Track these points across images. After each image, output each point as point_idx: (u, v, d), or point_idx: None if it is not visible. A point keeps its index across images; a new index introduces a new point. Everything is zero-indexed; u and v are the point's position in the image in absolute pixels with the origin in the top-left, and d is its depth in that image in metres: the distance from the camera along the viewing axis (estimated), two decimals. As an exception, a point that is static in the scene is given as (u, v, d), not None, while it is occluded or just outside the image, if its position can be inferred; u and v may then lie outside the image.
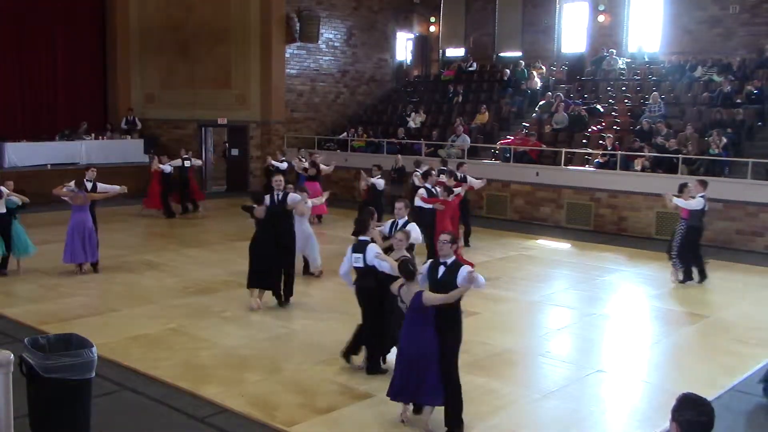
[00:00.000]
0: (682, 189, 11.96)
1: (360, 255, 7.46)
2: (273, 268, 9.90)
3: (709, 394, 6.92)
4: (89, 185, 12.10)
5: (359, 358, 7.81)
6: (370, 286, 7.44)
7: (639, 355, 8.87)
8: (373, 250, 7.41)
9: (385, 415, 6.73)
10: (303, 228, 11.21)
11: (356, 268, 7.57)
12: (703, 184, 12.03)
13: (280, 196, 10.18)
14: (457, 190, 12.83)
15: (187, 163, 18.02)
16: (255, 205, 9.85)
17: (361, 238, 7.61)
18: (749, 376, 7.74)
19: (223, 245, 14.65)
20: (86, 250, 11.62)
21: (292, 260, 10.29)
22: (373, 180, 14.83)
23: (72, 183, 11.88)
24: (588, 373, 8.03)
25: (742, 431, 6.86)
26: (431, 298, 6.10)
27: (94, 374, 5.94)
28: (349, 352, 7.80)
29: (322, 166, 17.57)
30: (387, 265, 7.15)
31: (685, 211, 11.89)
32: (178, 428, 6.46)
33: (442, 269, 6.31)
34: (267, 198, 10.05)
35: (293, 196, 10.34)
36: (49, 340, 6.12)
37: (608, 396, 7.59)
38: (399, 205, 8.73)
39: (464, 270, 6.15)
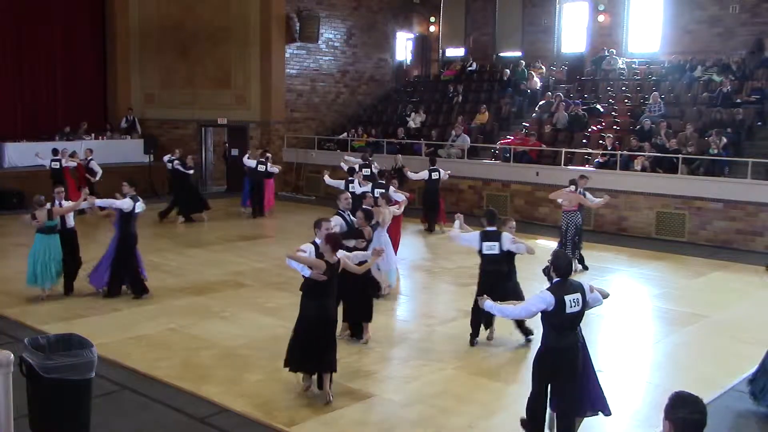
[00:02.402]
0: (576, 182, 12.77)
1: (495, 243, 8.37)
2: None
3: (709, 394, 6.94)
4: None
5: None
6: (503, 270, 8.42)
7: (639, 355, 8.87)
8: (509, 236, 8.40)
9: (385, 415, 6.73)
10: (381, 238, 10.10)
11: (489, 255, 8.39)
12: (584, 179, 13.06)
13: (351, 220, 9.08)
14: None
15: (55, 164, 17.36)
16: (363, 224, 8.80)
17: (490, 228, 8.50)
18: (749, 376, 7.73)
19: (223, 245, 14.65)
20: (95, 272, 10.52)
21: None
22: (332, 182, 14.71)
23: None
24: (588, 373, 8.02)
25: (742, 431, 6.85)
26: None
27: (94, 374, 5.95)
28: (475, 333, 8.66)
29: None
30: (523, 246, 8.40)
31: (578, 205, 12.66)
32: (178, 428, 6.46)
33: None
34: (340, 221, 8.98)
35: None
36: (49, 340, 6.13)
37: (608, 396, 7.58)
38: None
39: None
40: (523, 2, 24.79)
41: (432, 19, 27.33)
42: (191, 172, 17.49)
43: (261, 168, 18.05)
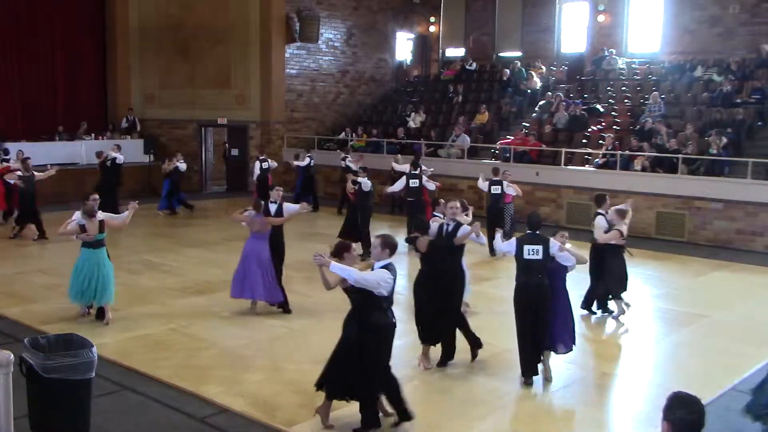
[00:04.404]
0: (499, 173, 14.49)
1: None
2: (436, 318, 8.00)
3: (709, 394, 6.94)
4: (273, 208, 9.86)
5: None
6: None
7: (639, 355, 8.87)
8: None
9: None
10: None
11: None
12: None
13: (450, 227, 8.03)
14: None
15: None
16: (418, 235, 8.01)
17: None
18: (749, 376, 7.73)
19: (223, 245, 14.64)
20: (265, 287, 9.63)
21: (454, 311, 8.13)
22: (360, 180, 14.68)
23: (250, 207, 9.87)
24: (588, 373, 8.03)
25: (742, 431, 6.84)
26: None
27: (94, 374, 5.95)
28: None
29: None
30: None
31: (510, 197, 14.57)
32: (178, 428, 6.46)
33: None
34: (435, 226, 8.18)
35: (464, 229, 8.04)
36: (49, 340, 6.13)
37: (608, 396, 7.59)
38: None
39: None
40: (523, 2, 24.78)
41: (432, 19, 27.32)
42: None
43: (264, 165, 18.53)
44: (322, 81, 24.05)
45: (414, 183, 14.81)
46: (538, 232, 7.54)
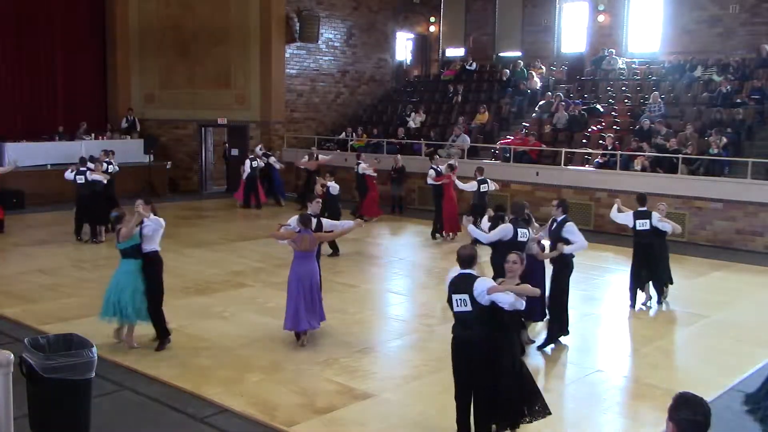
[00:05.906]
0: (483, 171, 15.21)
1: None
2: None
3: (709, 394, 6.93)
4: (314, 222, 8.89)
5: None
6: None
7: (639, 355, 8.87)
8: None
9: (385, 415, 6.73)
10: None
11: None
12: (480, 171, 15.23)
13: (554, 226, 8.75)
14: None
15: None
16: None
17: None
18: (749, 376, 7.74)
19: (223, 245, 14.65)
20: (311, 314, 8.55)
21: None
22: (328, 183, 14.53)
23: (292, 220, 8.79)
24: (588, 373, 8.03)
25: (742, 431, 6.85)
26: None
27: (94, 374, 5.95)
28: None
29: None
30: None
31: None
32: (178, 428, 6.46)
33: None
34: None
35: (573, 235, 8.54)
36: (49, 340, 6.13)
37: (608, 396, 7.59)
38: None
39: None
40: (523, 2, 24.80)
41: (432, 19, 27.34)
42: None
43: (254, 164, 19.19)
44: (322, 81, 24.05)
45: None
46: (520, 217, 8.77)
